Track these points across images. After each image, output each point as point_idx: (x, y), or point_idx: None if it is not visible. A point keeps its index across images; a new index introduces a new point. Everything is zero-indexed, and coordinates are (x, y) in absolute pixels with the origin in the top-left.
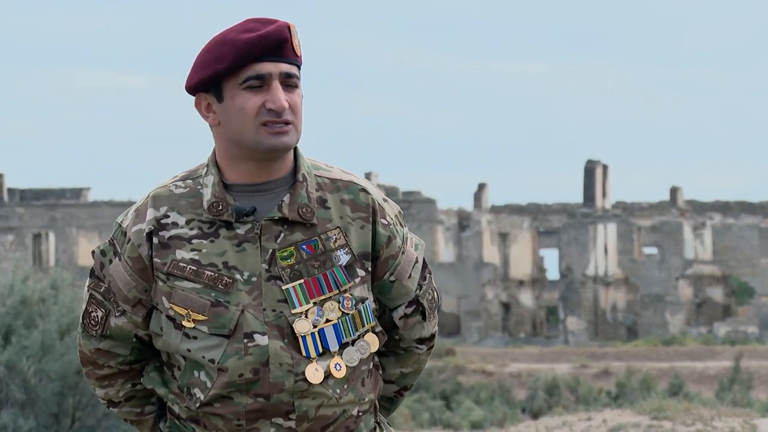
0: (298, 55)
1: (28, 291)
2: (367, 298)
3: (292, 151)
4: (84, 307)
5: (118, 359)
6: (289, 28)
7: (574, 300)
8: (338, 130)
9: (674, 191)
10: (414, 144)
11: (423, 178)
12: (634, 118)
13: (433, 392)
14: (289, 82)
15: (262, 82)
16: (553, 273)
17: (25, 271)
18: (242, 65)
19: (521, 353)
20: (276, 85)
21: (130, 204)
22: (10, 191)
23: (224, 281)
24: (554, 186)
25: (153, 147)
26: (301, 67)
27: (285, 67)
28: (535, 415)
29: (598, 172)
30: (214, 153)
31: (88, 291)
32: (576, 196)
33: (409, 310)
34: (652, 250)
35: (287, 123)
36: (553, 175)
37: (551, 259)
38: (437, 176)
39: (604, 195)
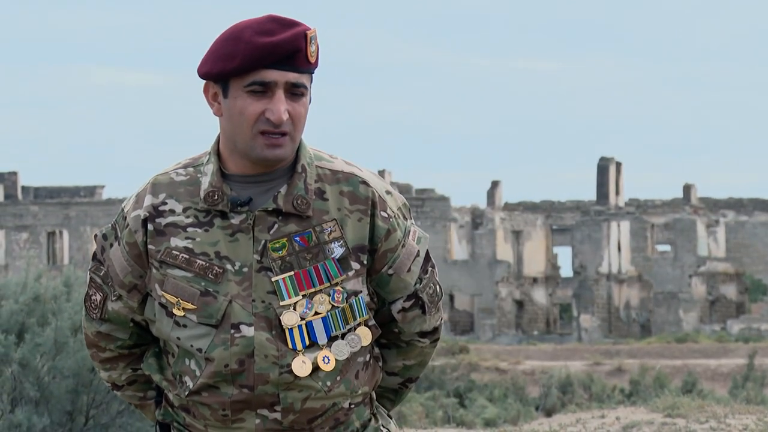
0: (312, 62)
1: (41, 289)
2: (361, 292)
3: None
4: (86, 290)
5: (118, 343)
6: (306, 36)
7: (587, 297)
8: (352, 128)
9: (687, 188)
10: (427, 142)
11: (436, 175)
12: (647, 116)
13: (446, 390)
14: (295, 92)
15: (265, 89)
16: (566, 270)
17: (39, 269)
18: (250, 70)
19: (535, 351)
20: (279, 95)
21: None
22: (24, 189)
23: (215, 271)
24: (568, 183)
25: (166, 145)
26: (315, 70)
27: (292, 77)
28: (549, 413)
29: (612, 169)
30: (217, 141)
31: (89, 274)
32: (589, 194)
33: (408, 304)
34: (665, 248)
35: (284, 134)
36: (566, 173)
37: (565, 257)
38: (451, 174)
39: (617, 192)
